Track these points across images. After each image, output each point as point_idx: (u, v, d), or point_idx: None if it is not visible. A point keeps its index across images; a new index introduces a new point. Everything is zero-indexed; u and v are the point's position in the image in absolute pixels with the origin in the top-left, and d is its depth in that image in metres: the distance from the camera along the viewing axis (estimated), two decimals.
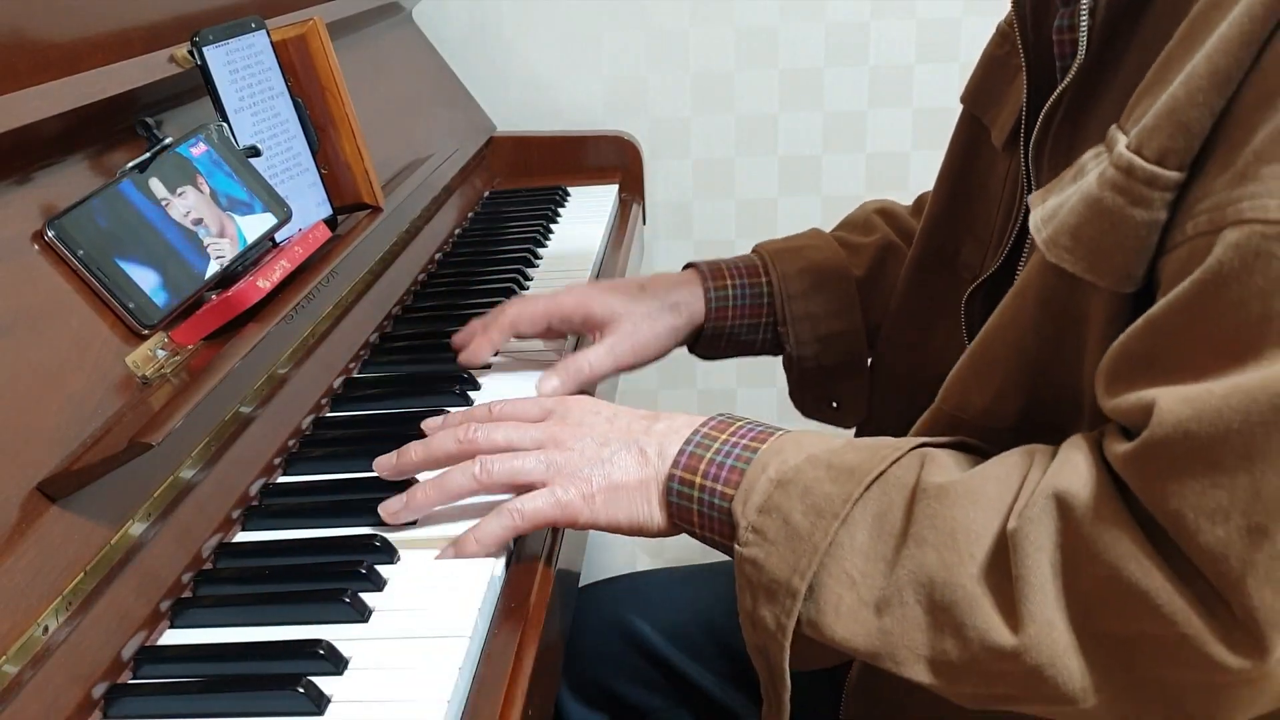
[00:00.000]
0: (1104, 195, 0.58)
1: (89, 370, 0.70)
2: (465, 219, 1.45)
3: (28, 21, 0.76)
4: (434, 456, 0.76)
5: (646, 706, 0.99)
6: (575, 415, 0.76)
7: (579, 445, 0.73)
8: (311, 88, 1.00)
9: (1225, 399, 0.51)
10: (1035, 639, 0.57)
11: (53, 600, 0.61)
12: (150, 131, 0.84)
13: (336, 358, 0.98)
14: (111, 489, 0.66)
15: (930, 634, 0.60)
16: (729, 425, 0.72)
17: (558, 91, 1.77)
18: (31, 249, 0.71)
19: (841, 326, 1.00)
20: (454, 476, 0.74)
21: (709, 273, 1.00)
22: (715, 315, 1.00)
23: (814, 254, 1.01)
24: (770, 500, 0.65)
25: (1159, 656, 0.55)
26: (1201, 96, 0.54)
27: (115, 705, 0.61)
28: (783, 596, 0.64)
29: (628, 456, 0.72)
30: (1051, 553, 0.57)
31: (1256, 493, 0.51)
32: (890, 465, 0.64)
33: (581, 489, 0.72)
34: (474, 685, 0.64)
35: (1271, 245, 0.51)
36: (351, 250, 0.95)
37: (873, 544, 0.63)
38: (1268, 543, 0.51)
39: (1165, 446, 0.53)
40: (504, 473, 0.73)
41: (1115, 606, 0.55)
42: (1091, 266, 0.59)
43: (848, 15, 1.72)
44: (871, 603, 0.62)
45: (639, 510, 0.72)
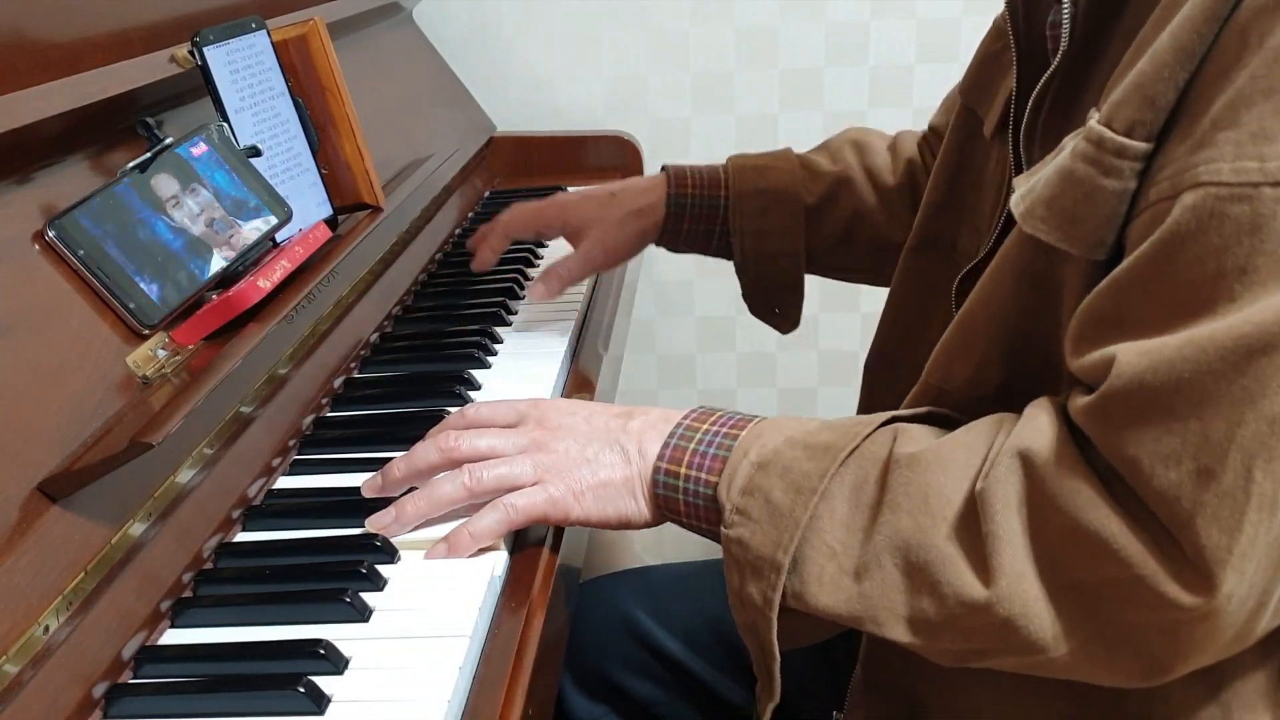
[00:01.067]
0: (1076, 166, 0.60)
1: (89, 370, 0.70)
2: (465, 219, 1.45)
3: (28, 21, 0.76)
4: (417, 469, 0.77)
5: (649, 699, 1.00)
6: (553, 419, 0.78)
7: (562, 447, 0.75)
8: (312, 88, 1.00)
9: (1178, 350, 0.54)
10: (1007, 591, 0.59)
11: (53, 600, 0.61)
12: (150, 131, 0.85)
13: (336, 358, 0.98)
14: (111, 489, 0.66)
15: (908, 594, 0.63)
16: (709, 415, 0.75)
17: (558, 91, 1.77)
18: (32, 249, 0.71)
19: (783, 246, 1.10)
20: (443, 486, 0.75)
21: (674, 178, 1.12)
22: (672, 218, 1.12)
23: (773, 176, 1.11)
24: (752, 482, 0.68)
25: (1120, 599, 0.58)
26: (1167, 71, 0.57)
27: (116, 705, 0.61)
28: (768, 571, 0.66)
29: (611, 455, 0.75)
30: (1018, 508, 0.60)
31: (1205, 437, 0.54)
32: (863, 440, 0.67)
33: (571, 486, 0.74)
34: (474, 685, 0.64)
35: (1225, 206, 0.54)
36: (352, 250, 0.95)
37: (851, 515, 0.66)
38: (1214, 483, 0.54)
39: (1123, 397, 0.56)
40: (494, 479, 0.74)
41: (1079, 554, 0.58)
42: (1066, 235, 0.62)
43: (848, 15, 1.72)
44: (851, 570, 0.65)
45: (625, 505, 0.74)
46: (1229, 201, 0.54)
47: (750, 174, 1.11)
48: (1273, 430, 0.53)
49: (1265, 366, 0.53)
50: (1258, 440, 0.54)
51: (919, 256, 0.92)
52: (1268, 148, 0.53)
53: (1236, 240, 0.53)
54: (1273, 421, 0.53)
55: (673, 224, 1.11)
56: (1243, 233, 0.53)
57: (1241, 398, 0.54)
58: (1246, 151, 0.53)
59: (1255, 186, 0.53)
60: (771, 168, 1.11)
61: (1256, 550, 0.55)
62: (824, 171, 1.12)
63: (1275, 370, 0.53)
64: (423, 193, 1.26)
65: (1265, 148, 0.53)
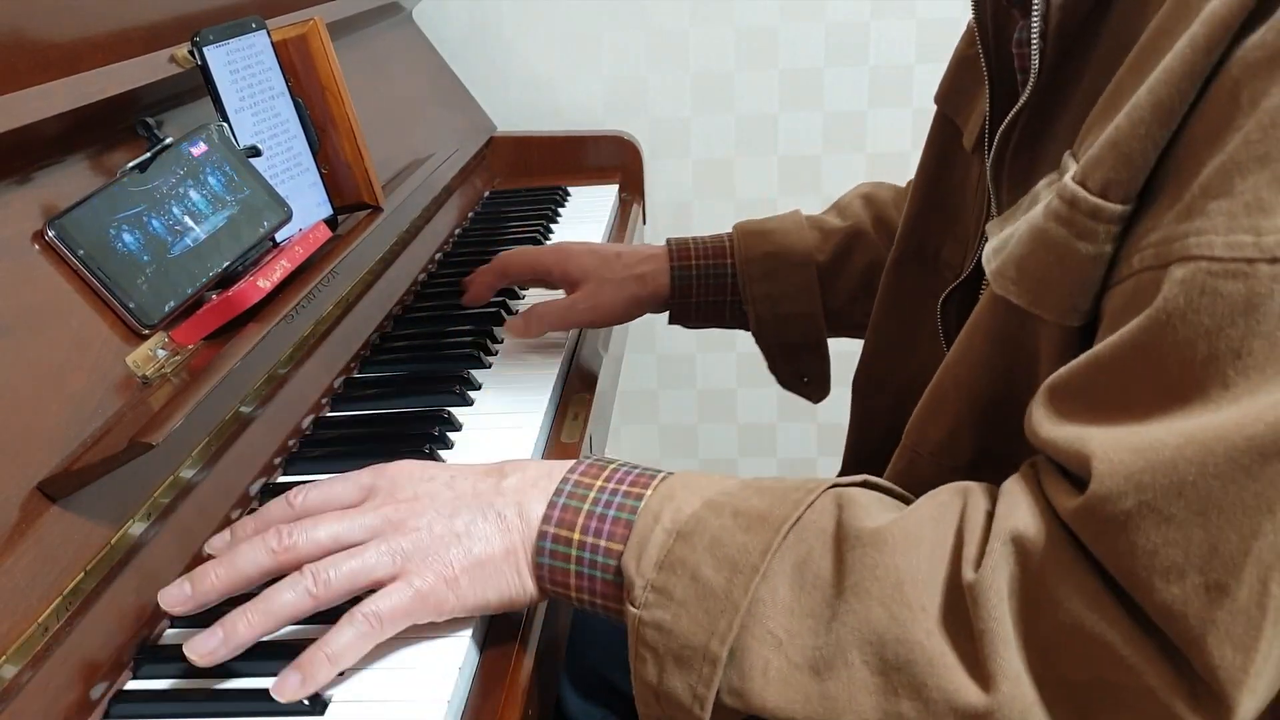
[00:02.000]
0: (1049, 227, 0.56)
1: (89, 370, 0.70)
2: (465, 219, 1.45)
3: (28, 21, 0.76)
4: (245, 575, 0.63)
5: None
6: (406, 488, 0.66)
7: (423, 522, 0.64)
8: (312, 88, 1.00)
9: (1178, 450, 0.49)
10: (1009, 696, 0.53)
11: (53, 600, 0.60)
12: (150, 131, 0.84)
13: (336, 358, 0.98)
14: (111, 489, 0.66)
15: (882, 697, 0.55)
16: (601, 470, 0.66)
17: (558, 91, 1.78)
18: (31, 249, 0.71)
19: (799, 309, 1.06)
20: (282, 596, 0.62)
21: (676, 252, 1.08)
22: (679, 292, 1.07)
23: (782, 238, 1.07)
24: (672, 554, 0.59)
25: (1119, 704, 0.52)
26: (1144, 129, 0.53)
27: (115, 706, 0.61)
28: (699, 664, 0.58)
29: (485, 525, 0.64)
30: (1011, 600, 0.54)
31: (1214, 548, 0.49)
32: (805, 510, 0.60)
33: (441, 573, 0.63)
34: (474, 685, 0.64)
35: (1217, 282, 0.49)
36: (352, 250, 0.95)
37: (795, 598, 0.58)
38: (1228, 600, 0.49)
39: (1114, 501, 0.51)
40: (343, 578, 0.62)
41: (1077, 654, 0.53)
42: (1037, 299, 0.58)
43: (848, 15, 1.72)
44: (805, 665, 0.57)
45: (509, 583, 0.64)
46: (1221, 278, 0.49)
47: (755, 238, 1.07)
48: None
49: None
50: (1275, 551, 0.48)
51: (902, 269, 0.90)
52: (1264, 220, 0.48)
53: (1230, 321, 0.49)
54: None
55: (680, 297, 1.07)
56: (1236, 312, 0.49)
57: (1255, 505, 0.48)
58: (1240, 224, 0.49)
59: (1250, 262, 0.48)
60: (778, 230, 1.08)
61: (1270, 666, 0.50)
62: (835, 228, 1.08)
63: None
64: (423, 193, 1.26)
65: (1261, 220, 0.49)
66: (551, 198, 1.52)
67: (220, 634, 0.61)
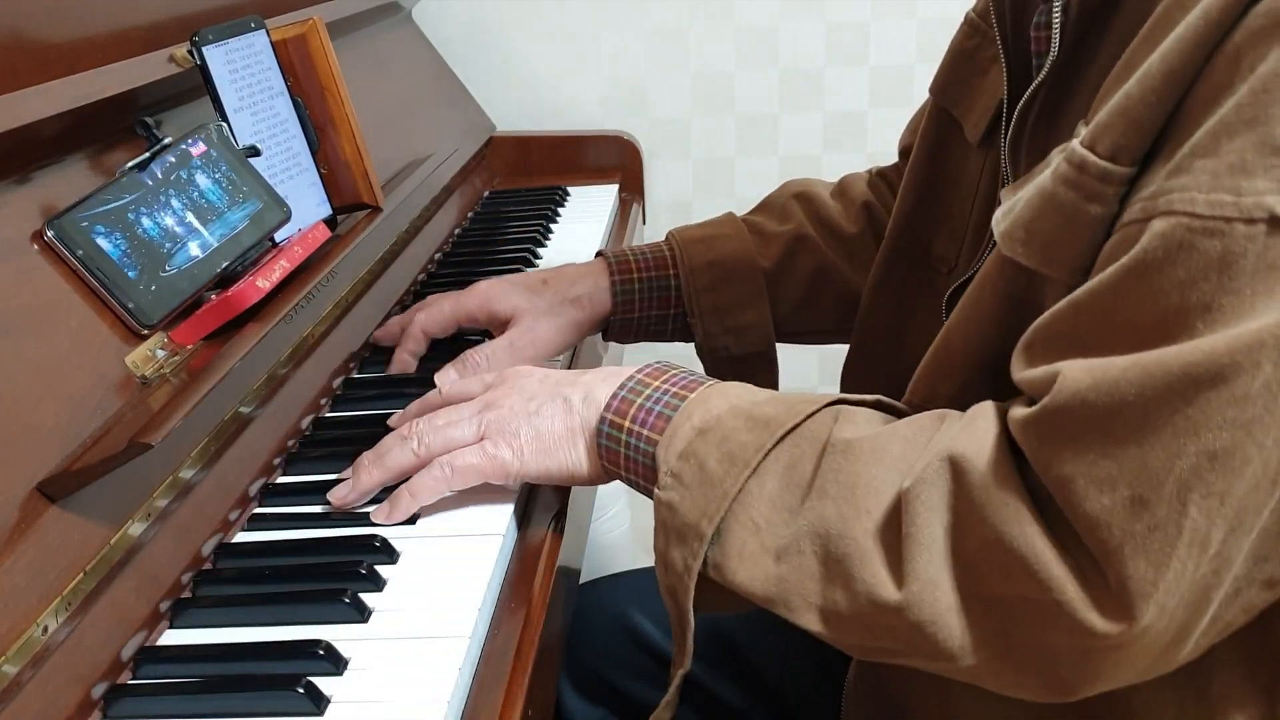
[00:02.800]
0: (1058, 190, 0.59)
1: (89, 370, 0.70)
2: (465, 219, 1.45)
3: (28, 21, 0.76)
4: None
5: (647, 701, 0.99)
6: (511, 380, 0.78)
7: (508, 403, 0.76)
8: (311, 87, 1.00)
9: (1123, 371, 0.53)
10: (918, 596, 0.58)
11: (52, 600, 0.60)
12: (150, 131, 0.84)
13: (336, 358, 0.98)
14: (111, 489, 0.66)
15: (822, 584, 0.62)
16: (662, 373, 0.74)
17: (558, 91, 1.77)
18: (31, 249, 0.71)
19: (749, 319, 1.02)
20: (394, 454, 0.76)
21: (616, 266, 1.03)
22: (622, 308, 1.02)
23: (724, 245, 1.03)
24: (690, 447, 0.67)
25: (1035, 620, 0.56)
26: (1154, 95, 0.55)
27: (115, 705, 0.61)
28: (691, 539, 0.65)
29: (553, 407, 0.74)
30: (943, 513, 0.58)
31: (1143, 465, 0.52)
32: (805, 419, 0.66)
33: (511, 443, 0.74)
34: (474, 685, 0.64)
35: (1195, 238, 0.52)
36: (351, 250, 0.95)
37: (780, 494, 0.64)
38: (1147, 514, 0.52)
39: (1063, 413, 0.54)
40: (440, 442, 0.75)
41: (998, 569, 0.56)
42: (1046, 260, 0.60)
43: (848, 15, 1.72)
44: (773, 550, 0.63)
45: (567, 458, 0.74)
46: (1200, 234, 0.52)
47: (698, 247, 1.03)
48: (1212, 465, 0.51)
49: (1211, 398, 0.51)
50: (1196, 474, 0.52)
51: (893, 263, 0.90)
52: (1245, 181, 0.51)
53: (1204, 275, 0.51)
54: (1213, 456, 0.51)
55: (623, 313, 1.02)
56: (1210, 268, 0.51)
57: (1184, 428, 0.51)
58: (1223, 183, 0.51)
59: (1228, 221, 0.51)
60: (719, 236, 1.04)
61: (1182, 586, 0.53)
62: (775, 232, 1.05)
63: (1221, 403, 0.51)
64: (422, 193, 1.26)
65: (1242, 181, 0.51)
66: (551, 198, 1.52)
67: (351, 483, 0.77)
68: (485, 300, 0.99)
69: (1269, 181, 0.51)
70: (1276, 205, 0.50)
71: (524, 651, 0.67)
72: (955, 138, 0.84)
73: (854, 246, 1.05)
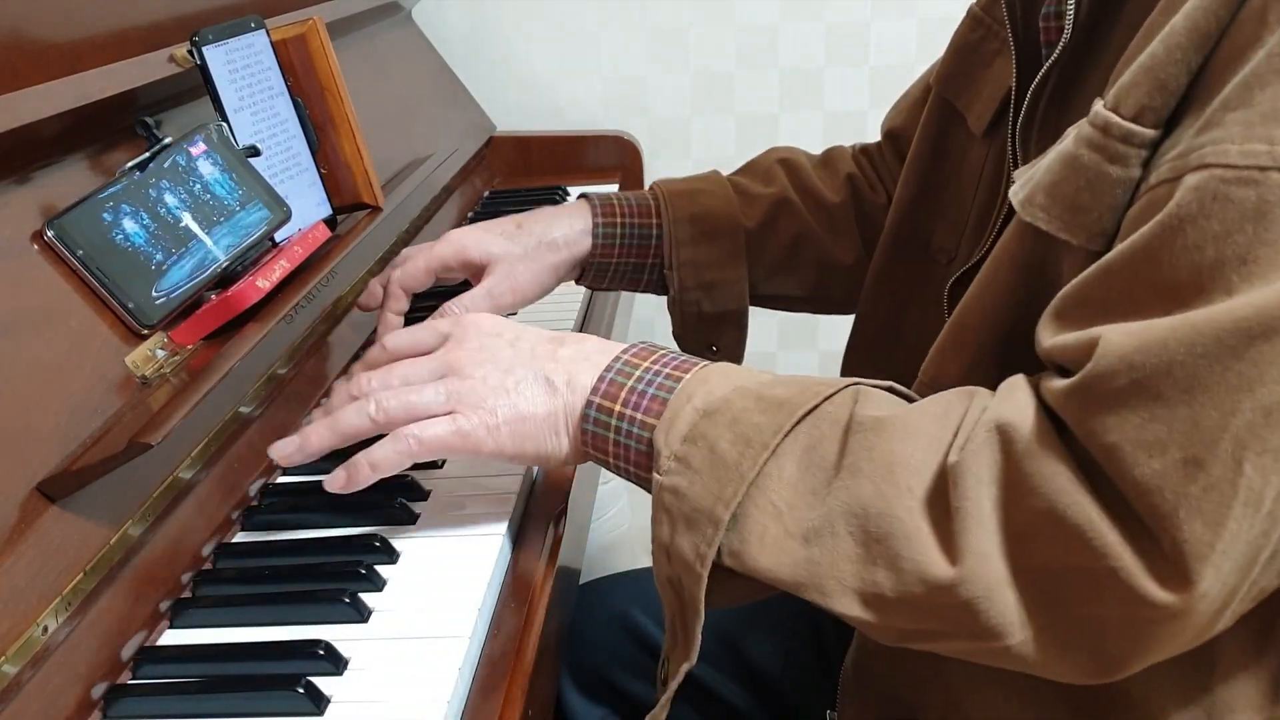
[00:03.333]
0: (1081, 153, 0.58)
1: (89, 370, 0.70)
2: (465, 219, 1.45)
3: (28, 21, 0.76)
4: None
5: (648, 700, 0.99)
6: (474, 339, 0.73)
7: (481, 373, 0.71)
8: (311, 87, 1.00)
9: (1171, 331, 0.51)
10: (973, 570, 0.56)
11: (52, 600, 0.60)
12: (150, 131, 0.84)
13: (335, 358, 0.98)
14: (111, 489, 0.66)
15: (861, 565, 0.59)
16: (650, 353, 0.71)
17: (558, 91, 1.77)
18: (31, 249, 0.71)
19: (725, 276, 1.01)
20: (348, 416, 0.71)
21: (600, 208, 1.00)
22: (601, 251, 1.00)
23: (708, 200, 1.02)
24: (696, 429, 0.64)
25: (1088, 590, 0.55)
26: (1180, 54, 0.54)
27: (115, 705, 0.61)
28: (704, 525, 0.62)
29: (535, 387, 0.71)
30: (991, 486, 0.56)
31: (1195, 425, 0.51)
32: (824, 401, 0.63)
33: (485, 419, 0.70)
34: (474, 685, 0.64)
35: (1230, 189, 0.51)
36: (351, 250, 0.95)
37: (801, 477, 0.62)
38: (1202, 475, 0.51)
39: (1107, 379, 0.53)
40: (400, 408, 0.70)
41: (1049, 540, 0.55)
42: (1066, 224, 0.59)
43: (848, 15, 1.72)
44: (799, 534, 0.61)
45: (546, 442, 0.71)
46: (1234, 184, 0.51)
47: (683, 199, 1.01)
48: (1268, 421, 0.50)
49: (1265, 352, 0.50)
50: (1251, 430, 0.51)
51: (892, 254, 0.90)
52: (1279, 130, 0.50)
53: (1239, 226, 0.51)
54: (1269, 412, 0.50)
55: (601, 257, 1.00)
56: (1246, 219, 0.50)
57: (1238, 384, 0.50)
58: (1256, 133, 0.51)
59: (1263, 170, 0.50)
60: (704, 191, 1.02)
61: (1236, 548, 0.52)
62: (759, 194, 1.04)
63: (1276, 357, 0.50)
64: (422, 192, 1.26)
65: (1276, 130, 0.50)
66: (551, 198, 1.51)
67: (297, 441, 0.72)
68: (459, 249, 0.96)
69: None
70: None
71: (524, 651, 0.67)
72: (957, 129, 0.85)
73: (835, 216, 1.04)
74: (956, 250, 0.83)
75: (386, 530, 0.75)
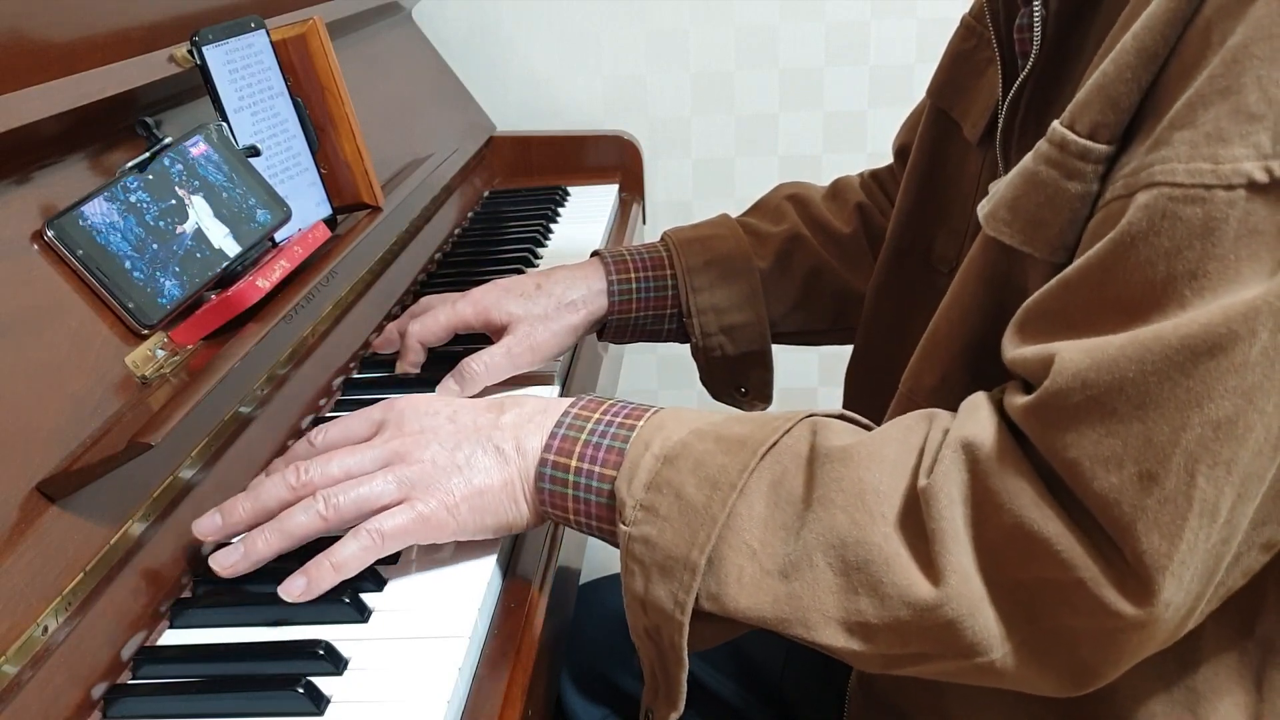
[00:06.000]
0: (1039, 169, 0.60)
1: (89, 370, 0.70)
2: (465, 219, 1.45)
3: (28, 21, 0.76)
4: (265, 507, 0.70)
5: None
6: (412, 422, 0.72)
7: (428, 455, 0.69)
8: (311, 87, 1.00)
9: (1121, 349, 0.53)
10: (956, 589, 0.57)
11: (52, 600, 0.60)
12: (150, 131, 0.84)
13: (336, 358, 0.98)
14: (111, 489, 0.66)
15: (843, 595, 0.60)
16: (599, 404, 0.71)
17: (558, 91, 1.77)
18: (31, 249, 0.71)
19: (745, 318, 1.02)
20: (295, 516, 0.68)
21: (613, 265, 1.02)
22: (619, 308, 1.01)
23: (720, 245, 1.03)
24: (659, 476, 0.64)
25: (1059, 603, 0.56)
26: (1129, 73, 0.56)
27: (115, 705, 0.61)
28: (680, 572, 0.62)
29: (485, 459, 0.69)
30: (961, 505, 0.58)
31: (1148, 440, 0.53)
32: (782, 435, 0.65)
33: (443, 500, 0.68)
34: (474, 685, 0.64)
35: (1177, 207, 0.53)
36: (351, 250, 0.95)
37: (771, 513, 0.62)
38: (1157, 488, 0.53)
39: (1063, 396, 0.55)
40: (351, 502, 0.68)
41: (1019, 554, 0.56)
42: (1028, 238, 0.61)
43: (848, 15, 1.72)
44: (775, 570, 0.61)
45: (505, 510, 0.70)
46: (1181, 203, 0.53)
47: (695, 247, 1.03)
48: (1217, 435, 0.52)
49: (1212, 369, 0.52)
50: (1202, 444, 0.52)
51: (895, 265, 0.91)
52: (1222, 149, 0.52)
53: (1188, 243, 0.52)
54: (1217, 426, 0.52)
55: (620, 314, 1.01)
56: (1194, 235, 0.52)
57: (1186, 400, 0.52)
58: (1201, 152, 0.53)
59: (1208, 189, 0.52)
60: (715, 237, 1.04)
61: (1195, 558, 0.54)
62: (770, 233, 1.05)
63: (1221, 373, 0.52)
64: (422, 193, 1.26)
65: (1220, 149, 0.52)
66: (551, 198, 1.52)
67: (242, 549, 0.68)
68: (481, 309, 0.98)
69: (1245, 148, 0.52)
70: (1254, 171, 0.52)
71: (524, 651, 0.67)
72: (953, 138, 0.85)
73: (848, 247, 1.05)
74: (956, 260, 0.83)
75: None
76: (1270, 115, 0.51)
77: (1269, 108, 0.51)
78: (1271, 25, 0.51)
